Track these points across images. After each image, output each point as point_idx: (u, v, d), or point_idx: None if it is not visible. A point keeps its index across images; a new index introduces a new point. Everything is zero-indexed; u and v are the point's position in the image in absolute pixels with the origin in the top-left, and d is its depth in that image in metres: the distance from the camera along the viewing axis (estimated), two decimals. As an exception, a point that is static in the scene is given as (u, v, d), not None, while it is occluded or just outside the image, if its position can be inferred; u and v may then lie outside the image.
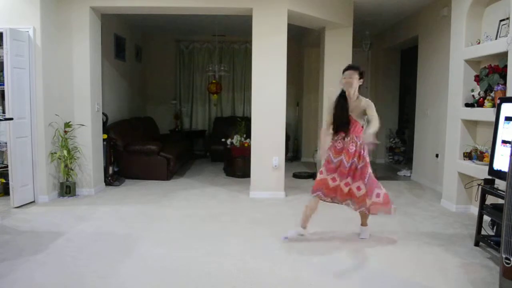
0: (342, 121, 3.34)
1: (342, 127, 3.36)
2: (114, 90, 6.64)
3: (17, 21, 4.48)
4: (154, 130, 7.74)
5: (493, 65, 3.94)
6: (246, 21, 5.33)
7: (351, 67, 3.41)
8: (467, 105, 4.30)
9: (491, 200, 3.44)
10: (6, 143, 4.46)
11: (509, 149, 2.94)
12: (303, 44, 8.08)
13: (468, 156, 4.31)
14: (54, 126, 4.81)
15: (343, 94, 3.40)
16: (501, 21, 3.97)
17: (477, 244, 3.40)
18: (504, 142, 3.20)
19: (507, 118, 3.21)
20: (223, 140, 6.49)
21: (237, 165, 6.25)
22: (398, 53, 7.86)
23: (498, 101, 3.36)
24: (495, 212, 3.18)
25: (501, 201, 3.03)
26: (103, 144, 5.45)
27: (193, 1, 4.89)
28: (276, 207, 4.62)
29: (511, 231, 2.43)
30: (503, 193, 2.85)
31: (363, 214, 3.56)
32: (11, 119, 4.26)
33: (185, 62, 8.66)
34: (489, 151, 3.64)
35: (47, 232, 3.63)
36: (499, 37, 3.93)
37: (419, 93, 6.27)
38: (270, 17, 4.94)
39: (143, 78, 8.38)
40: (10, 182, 4.41)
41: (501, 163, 3.19)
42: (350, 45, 5.83)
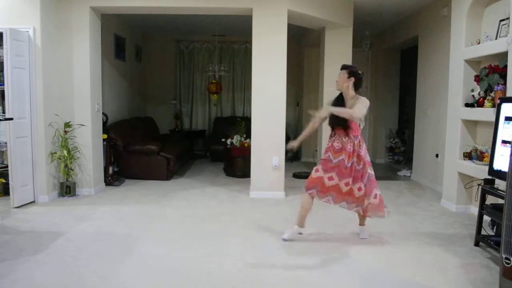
0: (337, 119, 3.34)
1: (337, 125, 3.38)
2: (114, 90, 6.65)
3: (17, 21, 4.48)
4: (154, 130, 7.74)
5: (493, 65, 3.94)
6: (246, 21, 5.33)
7: (342, 67, 3.45)
8: (467, 105, 4.30)
9: (491, 200, 3.44)
10: (6, 143, 4.46)
11: (509, 149, 2.94)
12: (303, 44, 8.08)
13: (468, 156, 4.31)
14: (54, 126, 4.81)
15: (341, 94, 3.44)
16: (501, 21, 3.97)
17: (477, 244, 3.40)
18: (504, 142, 3.20)
19: (507, 118, 3.21)
20: (223, 140, 6.49)
21: (237, 165, 6.25)
22: (398, 53, 7.86)
23: (498, 101, 3.36)
24: (495, 212, 3.18)
25: (501, 201, 3.03)
26: (103, 144, 5.45)
27: (193, 1, 4.89)
28: (276, 207, 4.62)
29: (511, 231, 2.43)
30: (503, 193, 2.85)
31: (360, 213, 3.56)
32: (11, 119, 4.26)
33: (185, 62, 8.66)
34: (489, 151, 3.64)
35: (47, 232, 3.63)
36: (499, 37, 3.93)
37: (419, 93, 6.27)
38: (270, 17, 4.94)
39: (143, 78, 8.38)
40: (10, 182, 4.42)
41: (501, 163, 3.19)
42: (350, 45, 5.83)
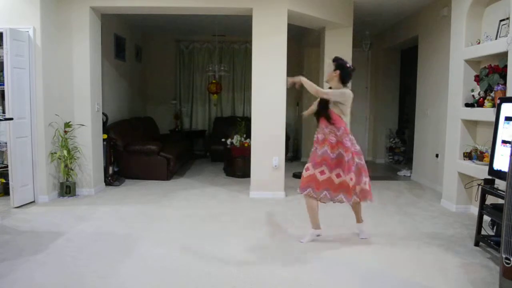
0: (319, 109, 3.43)
1: (319, 115, 3.45)
2: (114, 90, 6.65)
3: (17, 21, 4.48)
4: (154, 130, 7.73)
5: (493, 65, 3.93)
6: (246, 21, 5.33)
7: (333, 58, 3.46)
8: (467, 105, 4.30)
9: (491, 200, 3.44)
10: (6, 143, 4.46)
11: (509, 149, 2.94)
12: (303, 44, 8.08)
13: (468, 156, 4.31)
14: (54, 126, 4.81)
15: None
16: (501, 21, 3.97)
17: (477, 244, 3.40)
18: (504, 142, 3.20)
19: (507, 118, 3.21)
20: (223, 140, 6.49)
21: (237, 165, 6.25)
22: (398, 53, 7.86)
23: (498, 101, 3.36)
24: (495, 212, 3.18)
25: (501, 201, 3.03)
26: (103, 144, 5.45)
27: (193, 1, 4.89)
28: (276, 207, 4.62)
29: (511, 231, 2.43)
30: (503, 193, 2.85)
31: (356, 209, 3.57)
32: (11, 119, 4.26)
33: (185, 62, 8.66)
34: (489, 151, 3.64)
35: (47, 232, 3.63)
36: (499, 37, 3.93)
37: (419, 93, 6.27)
38: (270, 17, 4.94)
39: (143, 78, 8.38)
40: (10, 182, 4.42)
41: (501, 163, 3.19)
42: (350, 45, 5.83)
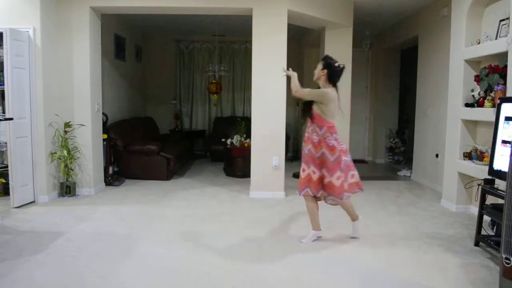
0: (302, 108, 3.52)
1: (303, 114, 3.52)
2: (114, 90, 6.64)
3: (17, 21, 4.48)
4: (154, 130, 7.74)
5: (493, 65, 3.94)
6: (246, 21, 5.33)
7: (322, 57, 3.52)
8: (467, 105, 4.30)
9: (491, 200, 3.44)
10: (6, 143, 4.46)
11: (509, 149, 2.94)
12: (303, 44, 8.08)
13: (468, 156, 4.31)
14: (54, 126, 4.81)
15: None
16: (501, 21, 3.97)
17: (477, 244, 3.40)
18: (504, 142, 3.20)
19: (507, 118, 3.21)
20: (223, 140, 6.49)
21: (237, 165, 6.25)
22: (398, 53, 7.86)
23: (498, 101, 3.36)
24: (495, 212, 3.18)
25: (501, 201, 3.03)
26: (103, 144, 5.45)
27: (193, 1, 4.89)
28: (276, 207, 4.62)
29: (511, 231, 2.43)
30: (503, 193, 2.85)
31: (349, 210, 3.52)
32: (11, 119, 4.26)
33: (185, 62, 8.66)
34: (489, 151, 3.64)
35: (47, 232, 3.63)
36: (499, 37, 3.93)
37: (419, 93, 6.27)
38: (270, 17, 4.94)
39: (143, 78, 8.38)
40: (10, 182, 4.42)
41: (501, 163, 3.19)
42: (350, 45, 5.83)
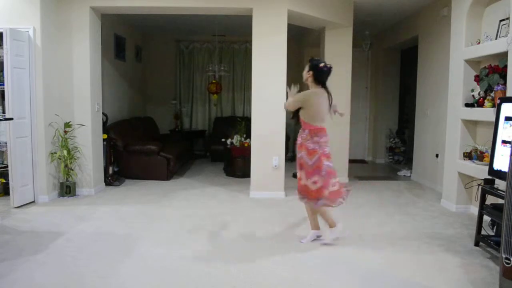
0: (293, 112, 3.52)
1: (292, 117, 3.55)
2: (114, 90, 6.64)
3: (17, 21, 4.48)
4: (154, 130, 7.73)
5: (493, 65, 3.94)
6: (246, 21, 5.33)
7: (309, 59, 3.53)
8: (467, 105, 4.30)
9: (491, 200, 3.44)
10: (6, 143, 4.46)
11: (509, 149, 2.94)
12: (303, 44, 8.08)
13: (468, 156, 4.31)
14: (54, 126, 4.81)
15: None
16: (501, 21, 3.97)
17: (477, 244, 3.40)
18: (504, 142, 3.20)
19: (507, 118, 3.21)
20: (223, 140, 6.49)
21: (237, 165, 6.25)
22: (398, 53, 7.86)
23: (498, 101, 3.36)
24: (495, 212, 3.18)
25: (501, 201, 3.03)
26: (103, 144, 5.45)
27: (193, 1, 4.89)
28: (276, 207, 4.62)
29: (511, 231, 2.44)
30: (503, 193, 2.85)
31: (324, 216, 3.41)
32: (11, 119, 4.26)
33: (185, 62, 8.66)
34: (489, 151, 3.64)
35: (47, 232, 3.63)
36: (499, 37, 3.93)
37: (419, 93, 6.27)
38: (270, 17, 4.94)
39: (143, 78, 8.38)
40: (10, 182, 4.42)
41: (501, 163, 3.19)
42: (350, 45, 5.83)
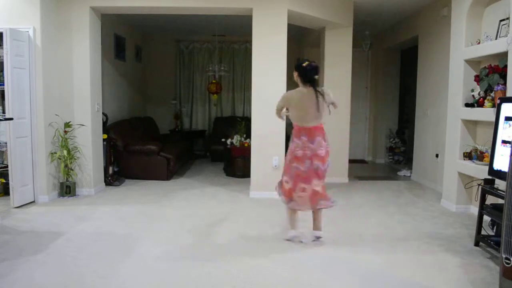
0: None
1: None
2: (114, 90, 6.64)
3: (17, 21, 4.48)
4: (154, 130, 7.73)
5: (493, 65, 3.94)
6: (246, 21, 5.33)
7: None
8: (467, 105, 4.30)
9: (491, 200, 3.44)
10: (6, 143, 4.46)
11: (509, 149, 2.94)
12: (303, 44, 8.07)
13: (468, 156, 4.31)
14: (54, 126, 4.81)
15: None
16: (501, 21, 3.97)
17: (477, 244, 3.40)
18: (504, 142, 3.20)
19: (507, 118, 3.21)
20: (223, 140, 6.49)
21: (237, 165, 6.25)
22: (398, 53, 7.86)
23: (498, 101, 3.36)
24: (495, 212, 3.18)
25: (501, 201, 3.03)
26: (103, 144, 5.45)
27: (193, 1, 4.89)
28: (276, 207, 4.61)
29: (511, 231, 2.44)
30: (503, 193, 2.85)
31: (290, 217, 3.61)
32: (11, 119, 4.26)
33: (185, 62, 8.66)
34: (489, 151, 3.64)
35: (47, 232, 3.63)
36: (499, 37, 3.93)
37: (419, 93, 6.27)
38: (270, 17, 4.94)
39: (143, 78, 8.38)
40: (10, 182, 4.42)
41: (501, 163, 3.19)
42: (350, 45, 5.84)
